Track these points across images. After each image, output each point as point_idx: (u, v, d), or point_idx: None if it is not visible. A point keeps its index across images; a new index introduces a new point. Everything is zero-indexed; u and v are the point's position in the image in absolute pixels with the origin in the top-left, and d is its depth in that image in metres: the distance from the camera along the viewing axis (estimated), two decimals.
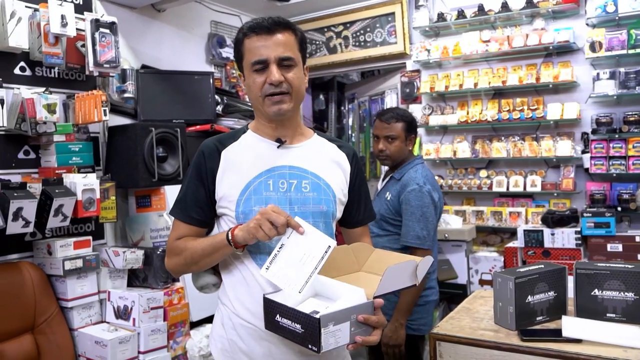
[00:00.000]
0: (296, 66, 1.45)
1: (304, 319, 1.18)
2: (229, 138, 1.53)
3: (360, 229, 1.64)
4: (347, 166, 1.57)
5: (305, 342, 1.18)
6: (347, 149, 1.61)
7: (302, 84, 1.48)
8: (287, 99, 1.43)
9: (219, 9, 3.93)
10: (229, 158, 1.48)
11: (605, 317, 1.59)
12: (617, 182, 3.36)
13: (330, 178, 1.51)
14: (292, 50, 1.44)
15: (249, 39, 1.43)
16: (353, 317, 1.21)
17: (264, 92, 1.42)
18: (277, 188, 1.44)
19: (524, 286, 1.61)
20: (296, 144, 1.52)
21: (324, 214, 1.47)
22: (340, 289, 1.31)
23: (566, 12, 3.51)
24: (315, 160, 1.52)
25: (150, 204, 2.87)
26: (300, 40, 1.49)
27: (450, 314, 1.81)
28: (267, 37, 1.41)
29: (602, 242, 3.09)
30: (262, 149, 1.49)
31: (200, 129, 3.24)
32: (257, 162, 1.47)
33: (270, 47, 1.40)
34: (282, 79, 1.41)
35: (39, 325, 2.37)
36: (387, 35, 4.16)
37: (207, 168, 1.48)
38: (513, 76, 3.63)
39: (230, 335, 1.47)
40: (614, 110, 3.39)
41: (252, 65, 1.42)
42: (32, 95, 2.36)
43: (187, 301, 2.74)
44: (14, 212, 2.17)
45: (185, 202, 1.50)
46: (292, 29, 1.46)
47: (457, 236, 3.51)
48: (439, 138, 4.03)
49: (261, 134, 1.52)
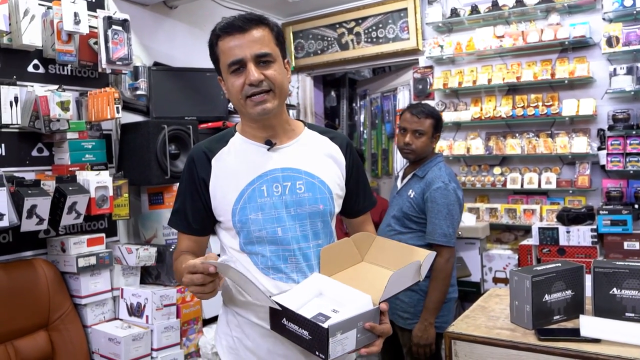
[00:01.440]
0: (275, 62, 1.38)
1: (312, 326, 1.18)
2: (217, 142, 1.49)
3: (361, 217, 1.63)
4: (342, 158, 1.53)
5: (313, 349, 1.19)
6: (340, 139, 1.56)
7: (284, 79, 1.41)
8: (270, 97, 1.37)
9: (230, 5, 3.94)
10: (219, 166, 1.45)
11: (624, 316, 1.56)
12: (634, 179, 3.30)
13: (324, 175, 1.47)
14: (269, 45, 1.37)
15: (222, 40, 1.38)
16: (360, 324, 1.22)
17: (245, 94, 1.36)
18: (272, 193, 1.41)
19: (541, 285, 1.59)
20: (286, 143, 1.48)
21: (321, 213, 1.44)
22: (346, 294, 1.31)
23: (582, 7, 3.46)
24: (308, 158, 1.47)
25: (163, 201, 2.87)
26: (277, 34, 1.42)
27: (466, 312, 1.79)
28: (240, 35, 1.35)
29: (619, 240, 3.04)
30: (252, 153, 1.45)
31: (212, 125, 3.24)
32: (249, 169, 1.43)
33: (245, 46, 1.34)
34: (261, 77, 1.34)
35: (53, 322, 2.38)
36: (399, 31, 4.14)
37: (199, 177, 1.45)
38: (527, 72, 3.59)
39: (235, 332, 1.47)
40: (631, 106, 3.34)
41: (228, 67, 1.37)
42: (45, 92, 2.37)
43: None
44: (28, 210, 2.18)
45: (182, 212, 1.48)
46: (265, 24, 1.39)
47: (470, 234, 3.48)
48: (452, 135, 4.00)
49: (249, 137, 1.47)
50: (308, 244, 1.43)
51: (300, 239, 1.42)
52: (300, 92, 4.84)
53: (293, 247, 1.40)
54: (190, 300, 2.69)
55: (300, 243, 1.41)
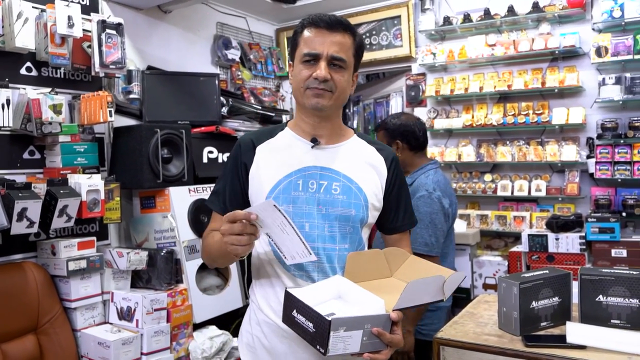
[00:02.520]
0: (346, 69, 1.44)
1: (316, 318, 1.16)
2: (266, 134, 1.55)
3: (397, 235, 1.61)
4: (384, 171, 1.54)
5: (314, 342, 1.17)
6: (387, 152, 1.57)
7: (347, 87, 1.47)
8: (328, 95, 1.43)
9: (225, 10, 3.94)
10: (262, 155, 1.50)
11: (609, 323, 1.58)
12: (622, 188, 3.34)
13: (363, 182, 1.48)
14: (347, 53, 1.43)
15: (308, 29, 1.44)
16: (367, 326, 1.18)
17: (307, 85, 1.42)
18: (307, 188, 1.44)
19: (529, 291, 1.61)
20: (332, 145, 1.51)
21: (352, 218, 1.45)
22: (360, 296, 1.29)
23: (572, 17, 3.50)
24: (350, 162, 1.50)
25: (155, 205, 2.87)
26: (358, 47, 1.48)
27: (454, 318, 1.81)
28: (325, 32, 1.41)
29: (607, 247, 3.07)
30: (296, 147, 1.50)
31: (205, 130, 3.24)
32: (289, 161, 1.47)
33: (326, 43, 1.41)
34: (328, 76, 1.40)
35: (42, 326, 2.37)
36: (392, 38, 4.16)
37: (241, 162, 1.50)
38: (519, 80, 3.63)
39: (255, 331, 1.50)
40: (620, 115, 3.38)
41: (303, 55, 1.43)
42: (38, 95, 2.37)
43: (191, 303, 2.74)
44: (18, 213, 2.17)
45: (220, 193, 1.54)
46: (351, 33, 1.46)
47: (461, 240, 3.50)
48: (443, 141, 4.03)
49: (298, 132, 1.52)
50: (334, 245, 1.43)
51: (326, 238, 1.43)
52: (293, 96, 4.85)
53: (318, 245, 1.41)
54: (181, 305, 2.69)
55: (326, 243, 1.42)
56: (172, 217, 2.81)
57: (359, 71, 1.58)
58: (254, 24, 4.34)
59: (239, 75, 3.98)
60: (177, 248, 2.77)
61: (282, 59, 4.56)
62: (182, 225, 2.82)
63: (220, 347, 2.72)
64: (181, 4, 3.36)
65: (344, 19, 1.45)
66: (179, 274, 2.77)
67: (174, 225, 2.79)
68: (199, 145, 3.18)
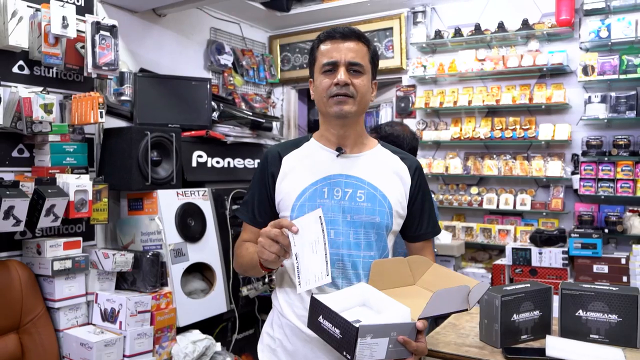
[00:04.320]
0: (364, 74, 1.49)
1: (344, 325, 1.18)
2: (291, 145, 1.60)
3: (420, 243, 1.61)
4: (408, 179, 1.56)
5: (341, 349, 1.18)
6: (410, 161, 1.60)
7: (367, 92, 1.51)
8: (351, 101, 1.47)
9: (219, 16, 3.96)
10: (289, 165, 1.54)
11: (588, 337, 1.61)
12: (605, 204, 3.41)
13: (388, 190, 1.51)
14: (363, 58, 1.49)
15: (323, 43, 1.50)
16: (393, 334, 1.20)
17: (330, 93, 1.47)
18: (332, 196, 1.47)
19: (510, 304, 1.64)
20: (356, 154, 1.55)
21: (376, 225, 1.47)
22: (387, 303, 1.30)
23: (560, 35, 3.57)
24: (374, 170, 1.53)
25: (142, 207, 2.87)
26: (372, 54, 1.53)
27: (436, 329, 1.83)
28: (340, 42, 1.48)
29: (589, 262, 3.13)
30: (322, 157, 1.54)
31: (195, 134, 3.25)
32: (315, 170, 1.51)
33: (342, 52, 1.46)
34: (348, 80, 1.45)
35: (24, 325, 2.35)
36: (384, 50, 4.21)
37: (269, 172, 1.55)
38: (507, 95, 3.69)
39: (277, 334, 1.53)
40: (604, 133, 3.45)
41: (322, 66, 1.48)
42: (29, 94, 2.36)
43: (175, 306, 2.74)
44: (5, 211, 2.16)
45: (249, 204, 1.59)
46: (364, 41, 1.51)
47: (446, 251, 3.54)
48: (431, 153, 4.07)
49: (323, 142, 1.56)
50: (359, 252, 1.46)
51: (352, 245, 1.45)
52: (284, 104, 4.88)
53: (342, 252, 1.44)
54: (165, 308, 2.69)
55: (352, 250, 1.45)
56: (159, 219, 2.80)
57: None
58: (248, 31, 4.37)
59: (230, 81, 4.00)
60: (163, 251, 2.77)
61: (275, 66, 4.59)
62: (169, 229, 2.82)
63: (203, 352, 2.72)
64: (176, 8, 3.38)
65: (356, 29, 1.52)
66: (164, 277, 2.76)
67: (161, 228, 2.79)
68: (189, 149, 3.18)
